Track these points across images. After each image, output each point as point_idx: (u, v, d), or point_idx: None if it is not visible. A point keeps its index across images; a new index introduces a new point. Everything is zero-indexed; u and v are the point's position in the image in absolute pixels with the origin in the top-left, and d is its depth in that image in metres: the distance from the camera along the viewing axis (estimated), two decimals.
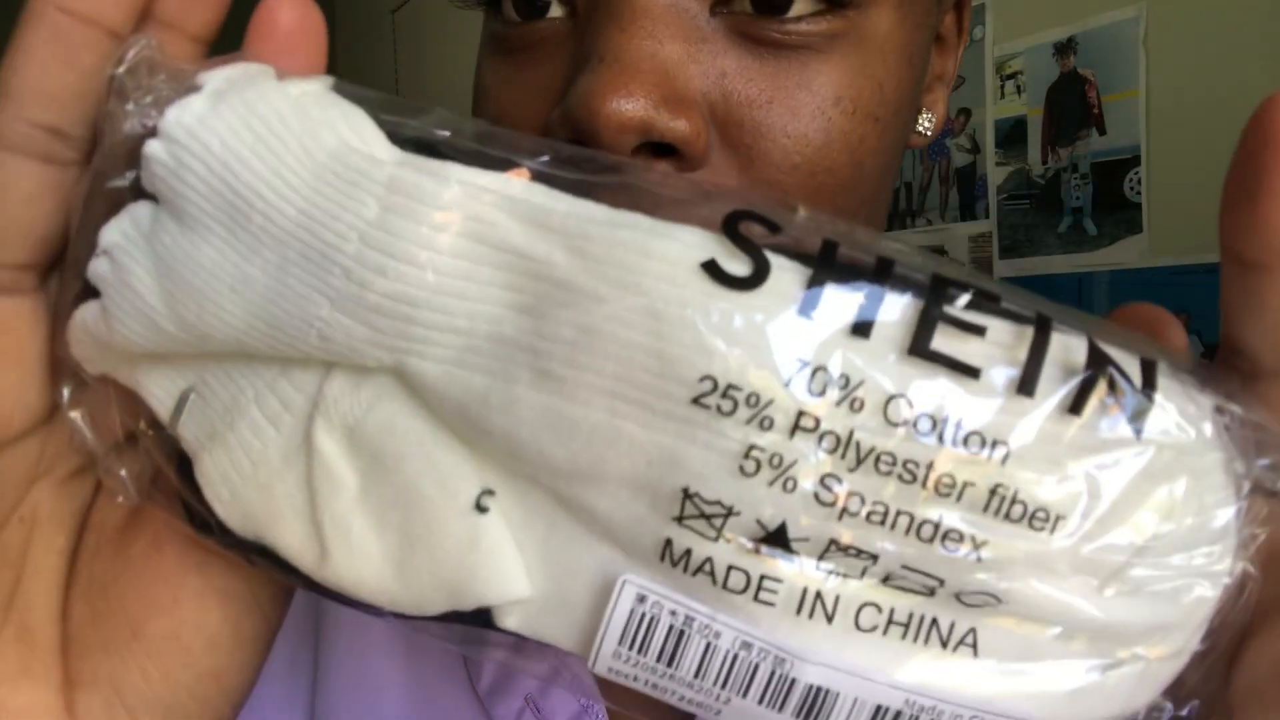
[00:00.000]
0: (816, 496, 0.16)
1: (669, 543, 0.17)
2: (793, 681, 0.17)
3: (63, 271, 0.19)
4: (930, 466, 0.16)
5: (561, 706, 0.32)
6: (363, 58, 3.69)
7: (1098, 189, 1.32)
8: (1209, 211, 0.92)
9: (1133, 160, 1.27)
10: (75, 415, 0.20)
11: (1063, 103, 1.35)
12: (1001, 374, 0.16)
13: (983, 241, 1.48)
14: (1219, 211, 0.19)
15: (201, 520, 0.19)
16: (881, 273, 0.17)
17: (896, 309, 0.16)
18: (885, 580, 0.17)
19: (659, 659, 0.17)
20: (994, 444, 0.16)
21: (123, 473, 0.20)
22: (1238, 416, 0.18)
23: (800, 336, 0.16)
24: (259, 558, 0.19)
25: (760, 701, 0.17)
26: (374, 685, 0.35)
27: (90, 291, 0.18)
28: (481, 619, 0.19)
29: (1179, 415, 0.17)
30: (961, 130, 1.50)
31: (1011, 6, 1.42)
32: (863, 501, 0.16)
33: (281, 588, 0.22)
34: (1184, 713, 0.19)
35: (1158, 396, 0.17)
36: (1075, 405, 0.16)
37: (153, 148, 0.17)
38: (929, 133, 0.32)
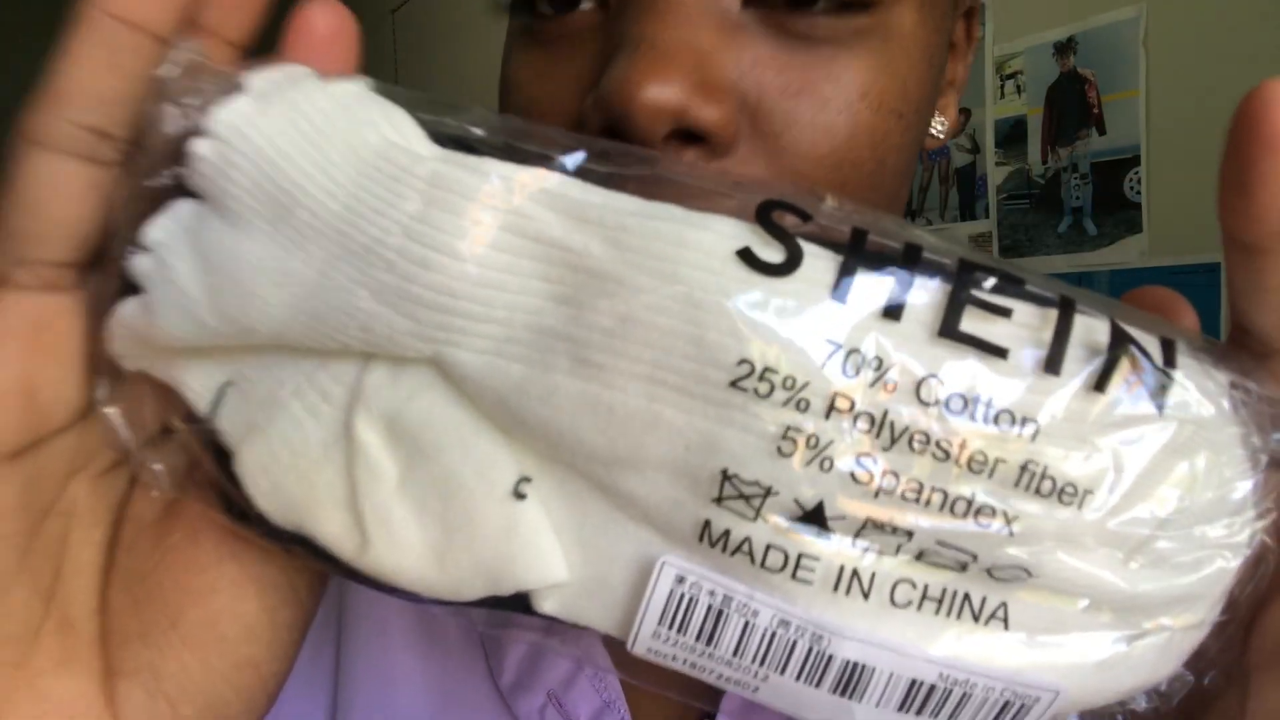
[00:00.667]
0: (853, 475, 0.17)
1: (708, 524, 0.17)
2: (830, 658, 0.18)
3: (101, 269, 0.20)
4: (962, 444, 0.17)
5: (584, 702, 0.32)
6: (363, 58, 3.68)
7: (1098, 189, 1.32)
8: (1209, 211, 0.92)
9: (1133, 160, 1.28)
10: (111, 411, 0.20)
11: (1063, 103, 1.36)
12: (1029, 354, 0.17)
13: (983, 241, 1.49)
14: (1218, 199, 0.20)
15: (240, 511, 0.20)
16: (910, 258, 0.17)
17: (926, 293, 0.17)
18: (919, 557, 0.18)
19: (698, 638, 0.18)
20: (1023, 421, 0.17)
21: (158, 466, 0.21)
22: (1254, 392, 0.18)
23: (834, 320, 0.16)
24: (298, 547, 0.19)
25: (798, 678, 0.18)
26: (395, 679, 0.35)
27: (129, 288, 0.19)
28: (520, 604, 0.19)
29: (1198, 392, 0.18)
30: (961, 130, 1.51)
31: (1011, 6, 1.43)
32: (897, 479, 0.17)
33: (316, 576, 0.22)
34: (1205, 682, 0.20)
35: (1177, 374, 0.18)
36: (1100, 383, 0.17)
37: (199, 146, 0.18)
38: (942, 135, 0.33)
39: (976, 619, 0.18)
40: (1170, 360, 0.18)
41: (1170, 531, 0.17)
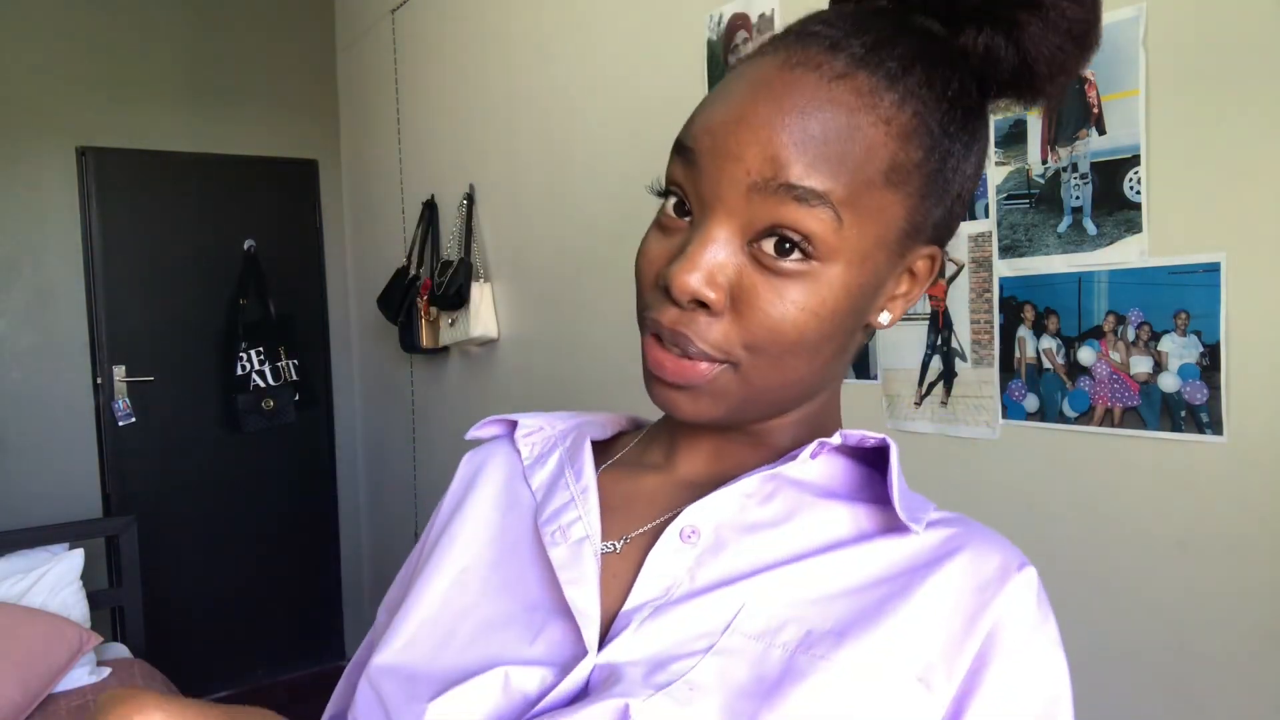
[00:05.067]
0: None
1: None
2: None
3: None
4: None
5: (576, 531, 0.53)
6: (363, 58, 3.69)
7: (1098, 189, 1.32)
8: (1209, 211, 0.93)
9: (1133, 160, 1.28)
10: None
11: (1063, 102, 1.36)
12: None
13: (983, 241, 1.49)
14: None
15: None
16: None
17: None
18: None
19: None
20: None
21: None
22: None
23: None
24: None
25: None
26: (480, 517, 0.59)
27: None
28: None
29: None
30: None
31: None
32: None
33: None
34: None
35: None
36: None
37: None
38: (886, 324, 0.52)
39: None
40: None
41: None
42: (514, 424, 0.64)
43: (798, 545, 0.49)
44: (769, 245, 0.45)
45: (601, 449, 0.62)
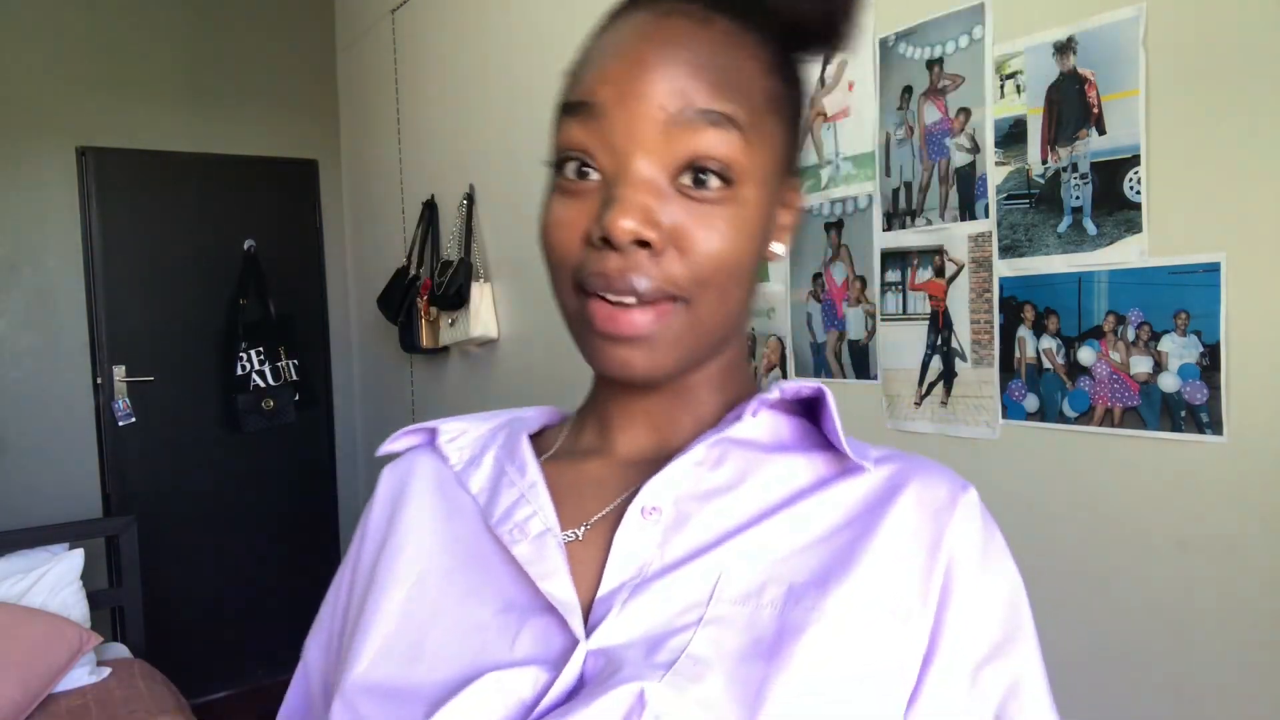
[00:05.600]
0: None
1: None
2: None
3: None
4: None
5: (535, 527, 0.52)
6: (363, 58, 3.69)
7: (1098, 189, 1.32)
8: (1209, 211, 0.93)
9: (1133, 160, 1.28)
10: None
11: (1063, 102, 1.36)
12: None
13: (982, 241, 1.49)
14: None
15: None
16: None
17: None
18: None
19: None
20: None
21: None
22: None
23: None
24: None
25: None
26: (423, 527, 0.56)
27: None
28: None
29: None
30: (961, 130, 1.51)
31: (1011, 6, 1.43)
32: None
33: None
34: None
35: None
36: None
37: None
38: (780, 254, 0.55)
39: None
40: None
41: None
42: (433, 431, 0.62)
43: (758, 504, 0.51)
44: (688, 179, 0.47)
45: (535, 441, 0.61)
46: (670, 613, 0.46)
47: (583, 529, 0.52)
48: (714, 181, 0.47)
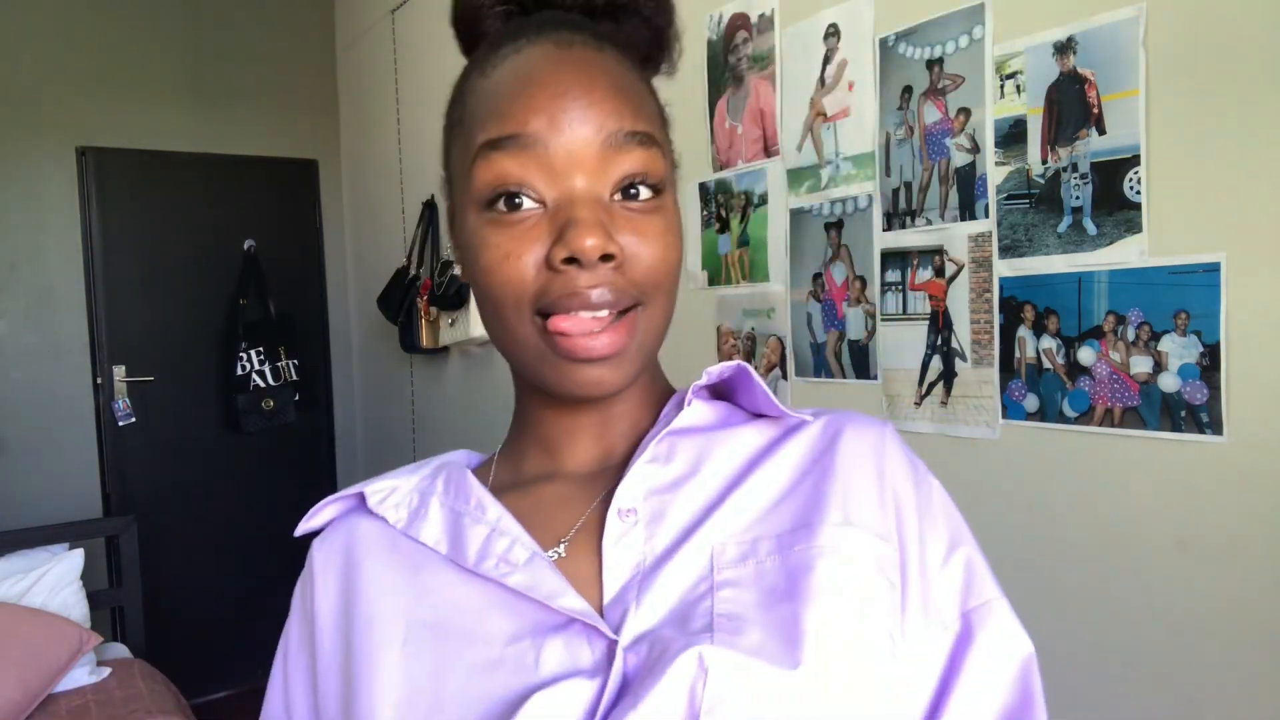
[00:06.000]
0: None
1: None
2: None
3: None
4: None
5: (521, 554, 0.52)
6: (363, 58, 3.69)
7: (1098, 189, 1.32)
8: (1209, 211, 0.93)
9: (1133, 160, 1.28)
10: None
11: (1063, 103, 1.36)
12: None
13: (982, 241, 1.49)
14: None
15: None
16: None
17: None
18: None
19: None
20: None
21: None
22: None
23: None
24: None
25: None
26: (385, 587, 0.55)
27: None
28: None
29: None
30: (961, 130, 1.51)
31: (1011, 6, 1.43)
32: None
33: None
34: None
35: None
36: None
37: None
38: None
39: None
40: None
41: None
42: (359, 496, 0.60)
43: (723, 478, 0.54)
44: (620, 194, 0.51)
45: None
46: (682, 589, 0.49)
47: (562, 545, 0.54)
48: (645, 193, 0.51)
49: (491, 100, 0.51)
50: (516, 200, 0.50)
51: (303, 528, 0.60)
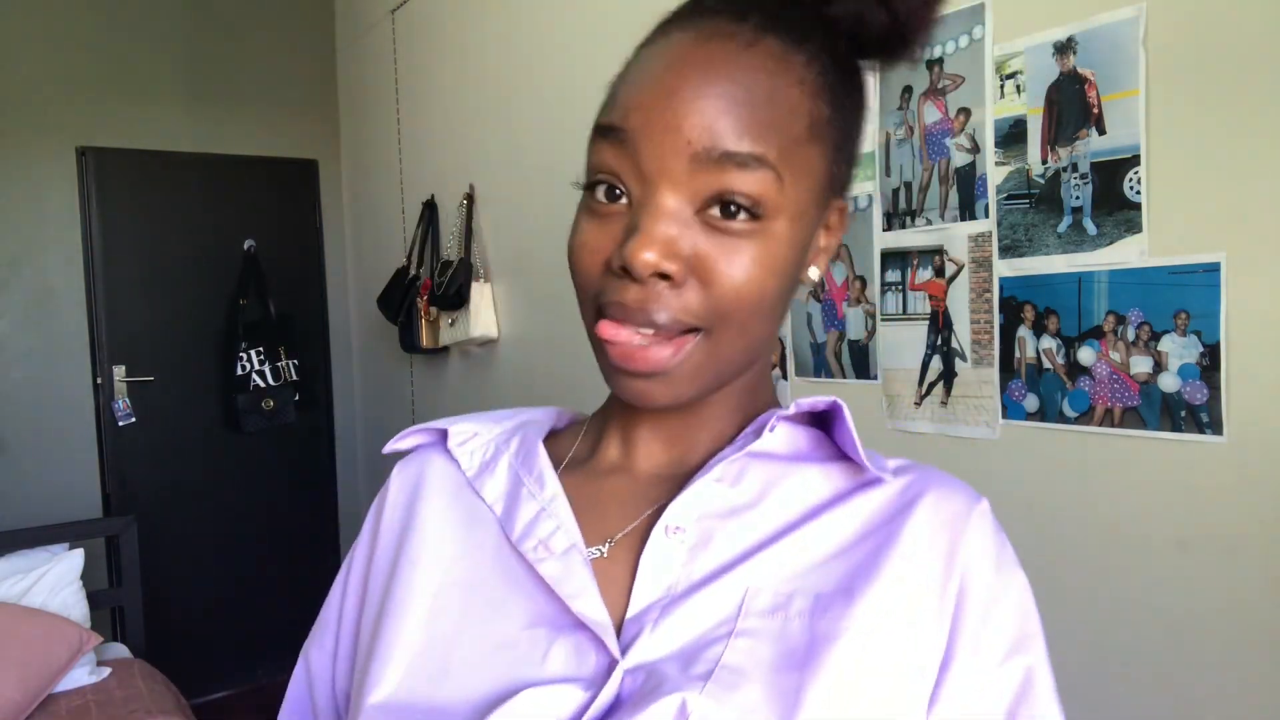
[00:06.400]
0: None
1: None
2: None
3: None
4: None
5: (560, 543, 0.52)
6: (363, 58, 3.69)
7: (1098, 189, 1.32)
8: (1209, 211, 0.93)
9: (1133, 160, 1.28)
10: None
11: (1062, 102, 1.36)
12: None
13: (982, 241, 1.49)
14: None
15: None
16: None
17: None
18: None
19: None
20: None
21: None
22: None
23: None
24: None
25: None
26: (444, 536, 0.56)
27: None
28: None
29: None
30: (961, 130, 1.51)
31: (1011, 6, 1.43)
32: None
33: None
34: None
35: None
36: None
37: None
38: (815, 279, 0.54)
39: None
40: None
41: None
42: (443, 433, 0.61)
43: (781, 518, 0.51)
44: (716, 210, 0.47)
45: (548, 446, 0.60)
46: (702, 628, 0.47)
47: (607, 545, 0.52)
48: (741, 215, 0.47)
49: (619, 83, 0.50)
50: (614, 191, 0.48)
51: (390, 447, 0.62)
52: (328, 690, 0.60)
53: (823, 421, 0.56)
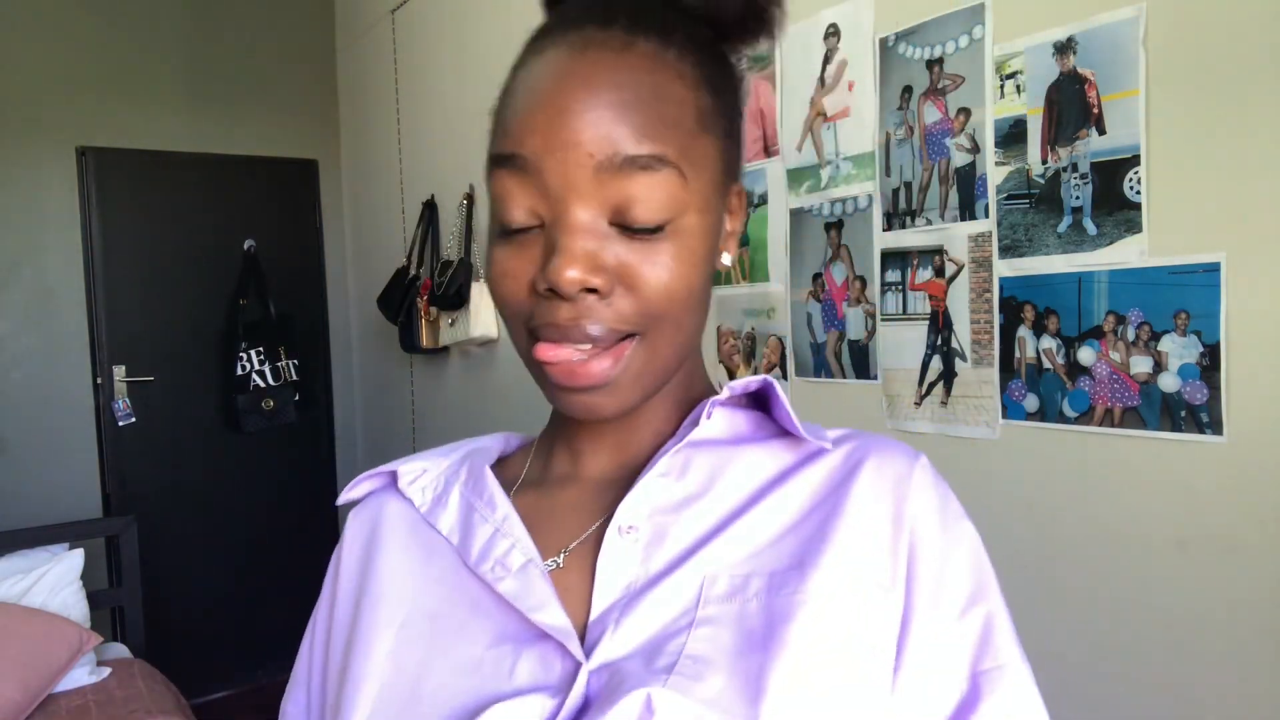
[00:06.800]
0: None
1: None
2: None
3: None
4: None
5: (516, 560, 0.52)
6: (363, 58, 3.69)
7: (1098, 189, 1.32)
8: (1209, 211, 0.93)
9: (1133, 160, 1.28)
10: None
11: (1062, 102, 1.36)
12: None
13: (982, 241, 1.49)
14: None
15: None
16: None
17: None
18: None
19: None
20: None
21: None
22: None
23: None
24: None
25: None
26: (398, 571, 0.56)
27: None
28: None
29: None
30: (961, 130, 1.51)
31: (1011, 6, 1.43)
32: None
33: None
34: None
35: None
36: None
37: None
38: (729, 264, 0.56)
39: None
40: None
41: None
42: (393, 474, 0.61)
43: (731, 502, 0.52)
44: (620, 219, 0.47)
45: (498, 471, 0.61)
46: (663, 620, 0.47)
47: (562, 555, 0.53)
48: (646, 221, 0.47)
49: (504, 109, 0.50)
50: (518, 218, 0.48)
51: (343, 498, 0.62)
52: None
53: (761, 403, 0.58)
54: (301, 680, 0.61)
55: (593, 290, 0.47)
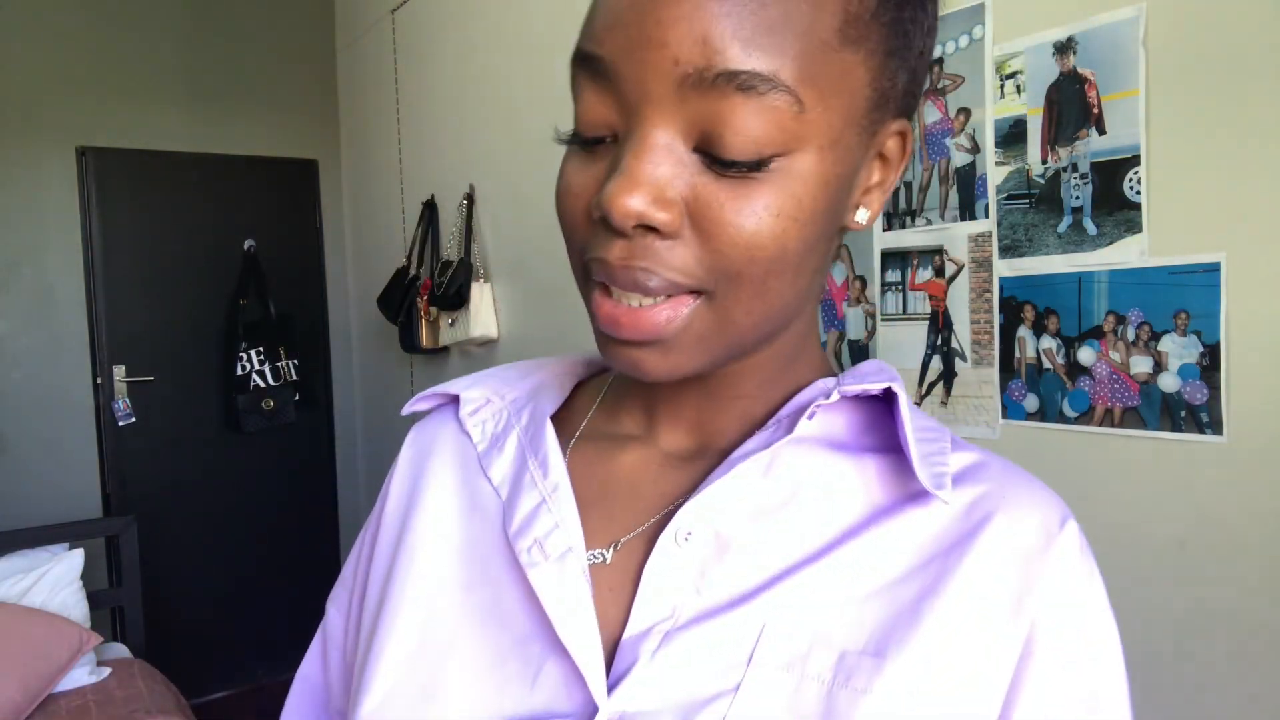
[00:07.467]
0: None
1: None
2: None
3: None
4: None
5: (555, 547, 0.45)
6: (363, 58, 3.69)
7: (1098, 189, 1.32)
8: (1209, 211, 0.93)
9: (1133, 160, 1.28)
10: None
11: (1062, 102, 1.36)
12: None
13: (983, 241, 1.49)
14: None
15: None
16: None
17: None
18: None
19: None
20: None
21: None
22: None
23: None
24: None
25: None
26: (444, 516, 0.51)
27: None
28: None
29: None
30: (961, 130, 1.51)
31: (1011, 6, 1.43)
32: None
33: None
34: None
35: None
36: None
37: None
38: (863, 222, 0.44)
39: None
40: None
41: None
42: (455, 398, 0.54)
43: (810, 535, 0.43)
44: (709, 150, 0.38)
45: (563, 411, 0.54)
46: (704, 673, 0.40)
47: (610, 550, 0.45)
48: (742, 157, 0.37)
49: (594, 2, 0.41)
50: (590, 128, 0.40)
51: (407, 408, 0.56)
52: (339, 655, 0.57)
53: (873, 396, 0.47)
54: (346, 583, 0.57)
55: (653, 230, 0.38)
